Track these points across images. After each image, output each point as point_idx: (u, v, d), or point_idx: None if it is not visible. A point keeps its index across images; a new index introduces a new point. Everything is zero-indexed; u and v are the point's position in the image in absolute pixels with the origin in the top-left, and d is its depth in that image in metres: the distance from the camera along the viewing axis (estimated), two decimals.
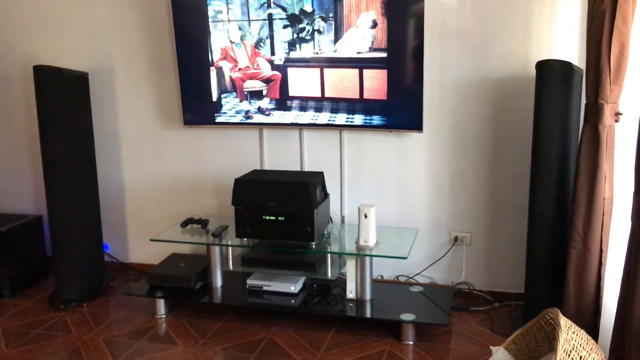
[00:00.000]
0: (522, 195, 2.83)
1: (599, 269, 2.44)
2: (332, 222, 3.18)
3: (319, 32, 2.95)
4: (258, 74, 3.10)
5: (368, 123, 3.00)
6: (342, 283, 2.98)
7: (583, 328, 2.11)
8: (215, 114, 3.20)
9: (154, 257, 3.44)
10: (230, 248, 3.01)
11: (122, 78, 3.41)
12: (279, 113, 3.12)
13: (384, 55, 2.89)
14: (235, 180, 2.88)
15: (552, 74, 2.48)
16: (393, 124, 2.98)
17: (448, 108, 2.99)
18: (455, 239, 3.12)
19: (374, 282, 2.96)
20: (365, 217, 2.76)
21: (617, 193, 2.43)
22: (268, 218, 2.84)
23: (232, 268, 3.03)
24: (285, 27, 2.99)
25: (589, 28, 2.33)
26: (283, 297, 2.93)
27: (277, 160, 3.28)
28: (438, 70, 2.95)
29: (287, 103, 3.10)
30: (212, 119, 3.22)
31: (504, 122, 2.94)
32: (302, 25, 2.96)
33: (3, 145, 3.69)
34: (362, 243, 2.80)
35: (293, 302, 2.89)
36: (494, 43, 2.86)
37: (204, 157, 3.39)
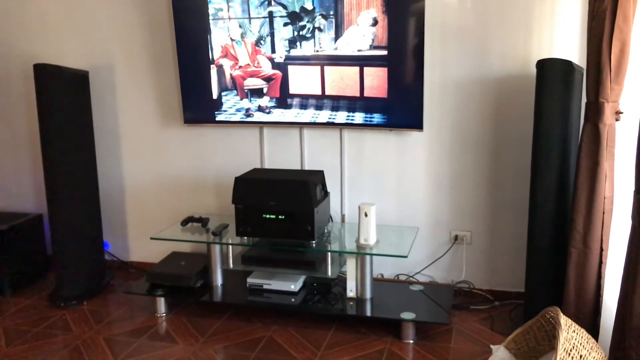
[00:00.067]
0: (522, 194, 2.83)
1: (599, 268, 2.44)
2: (332, 220, 3.18)
3: (320, 29, 2.94)
4: (259, 72, 3.10)
5: (368, 121, 3.00)
6: (342, 282, 2.98)
7: (583, 327, 2.11)
8: (216, 112, 3.20)
9: (155, 255, 3.44)
10: (231, 246, 3.01)
11: (122, 76, 3.41)
12: (280, 111, 3.12)
13: (385, 53, 2.89)
14: (236, 179, 2.88)
15: (552, 73, 2.48)
16: (393, 123, 2.98)
17: (448, 107, 2.99)
18: (456, 238, 3.12)
19: (374, 280, 2.96)
20: (366, 215, 2.76)
21: (617, 192, 2.43)
22: (268, 217, 2.84)
23: (232, 266, 3.03)
24: (286, 24, 2.98)
25: (590, 27, 2.32)
26: (283, 295, 2.93)
27: (277, 159, 3.28)
28: (438, 69, 2.94)
29: (287, 101, 3.09)
30: (212, 117, 3.22)
31: (505, 120, 2.93)
32: (302, 23, 2.96)
33: (4, 144, 3.69)
34: (362, 242, 2.80)
35: (293, 300, 2.90)
36: (495, 42, 2.86)
37: (205, 155, 3.39)
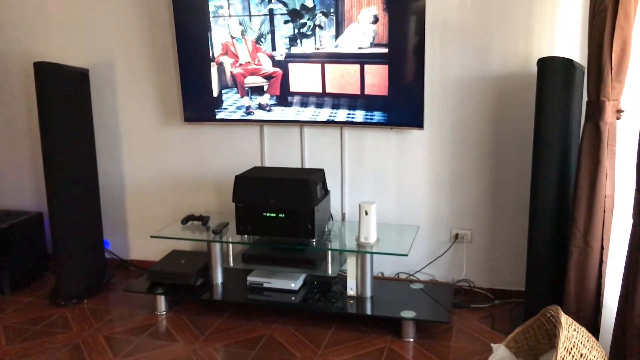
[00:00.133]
0: (523, 193, 2.83)
1: (600, 267, 2.44)
2: (332, 219, 3.17)
3: (320, 27, 2.94)
4: (259, 70, 3.09)
5: (369, 119, 3.00)
6: (342, 280, 2.98)
7: (584, 325, 2.11)
8: (216, 110, 3.20)
9: (155, 253, 3.44)
10: (231, 245, 3.01)
11: (122, 74, 3.41)
12: (280, 109, 3.11)
13: (385, 51, 2.88)
14: (236, 177, 2.88)
15: (553, 71, 2.47)
16: (394, 121, 2.97)
17: (449, 105, 2.98)
18: (456, 236, 3.12)
19: (375, 279, 2.96)
20: (366, 214, 2.76)
21: (618, 190, 2.42)
22: (269, 215, 2.83)
23: (232, 265, 3.03)
24: (287, 22, 2.98)
25: (591, 25, 2.32)
26: (283, 294, 2.93)
27: (277, 157, 3.28)
28: (439, 67, 2.94)
29: (288, 99, 3.09)
30: (212, 115, 3.21)
31: (505, 119, 2.93)
32: (303, 21, 2.95)
33: (4, 142, 3.69)
34: (362, 240, 2.80)
35: (293, 299, 2.90)
36: (496, 40, 2.85)
37: (205, 154, 3.38)
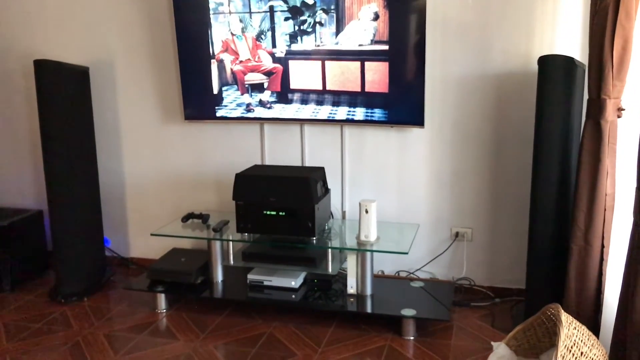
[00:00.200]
0: (523, 191, 2.82)
1: (600, 265, 2.44)
2: (332, 217, 3.17)
3: (321, 24, 2.93)
4: (259, 67, 3.08)
5: (369, 116, 2.99)
6: (342, 278, 2.98)
7: (584, 324, 2.11)
8: (216, 107, 3.19)
9: (155, 251, 3.44)
10: (231, 243, 3.01)
11: (122, 72, 3.40)
12: (280, 106, 3.11)
13: (386, 48, 2.87)
14: (236, 175, 2.88)
15: (554, 69, 2.47)
16: (394, 118, 2.97)
17: (450, 103, 2.98)
18: (457, 235, 3.12)
19: (375, 277, 2.96)
20: (366, 212, 2.76)
21: (619, 189, 2.42)
22: (269, 213, 2.83)
23: (232, 263, 3.03)
24: (287, 19, 2.97)
25: (592, 23, 2.31)
26: (284, 292, 2.93)
27: (278, 155, 3.27)
28: (440, 65, 2.93)
29: (288, 96, 3.08)
30: (212, 112, 3.21)
31: (506, 117, 2.92)
32: (303, 18, 2.94)
33: (4, 140, 3.68)
34: (362, 238, 2.80)
35: (294, 297, 2.90)
36: (496, 38, 2.85)
37: (205, 152, 3.38)
